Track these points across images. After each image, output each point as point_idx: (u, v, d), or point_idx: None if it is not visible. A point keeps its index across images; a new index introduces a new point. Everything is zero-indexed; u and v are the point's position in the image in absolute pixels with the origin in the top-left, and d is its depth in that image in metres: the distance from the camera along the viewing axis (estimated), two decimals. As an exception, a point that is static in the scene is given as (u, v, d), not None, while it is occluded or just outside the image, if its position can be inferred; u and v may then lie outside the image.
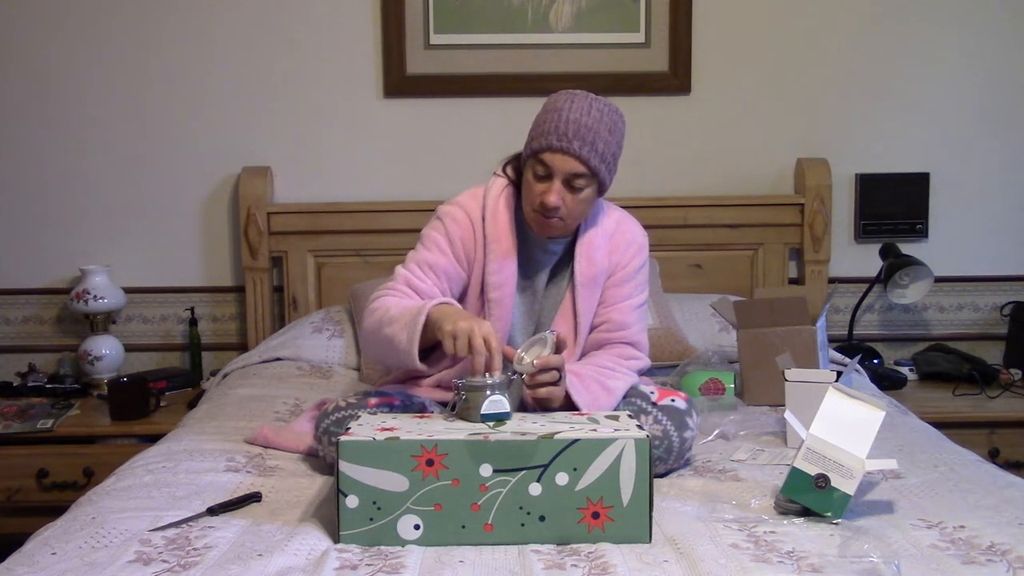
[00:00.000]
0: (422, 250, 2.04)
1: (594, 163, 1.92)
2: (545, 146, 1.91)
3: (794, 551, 1.51)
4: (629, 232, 2.11)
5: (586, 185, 1.94)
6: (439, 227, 2.05)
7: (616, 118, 1.96)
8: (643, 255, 2.12)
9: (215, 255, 3.23)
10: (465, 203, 2.06)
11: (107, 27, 3.14)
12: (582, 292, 2.04)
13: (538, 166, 1.94)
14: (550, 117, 1.92)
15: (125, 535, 1.58)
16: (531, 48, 3.16)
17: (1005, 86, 3.23)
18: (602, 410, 1.91)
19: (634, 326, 2.08)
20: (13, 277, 3.20)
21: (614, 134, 1.95)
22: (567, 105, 1.92)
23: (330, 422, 1.94)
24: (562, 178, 1.92)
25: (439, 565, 1.47)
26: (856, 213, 3.24)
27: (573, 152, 1.90)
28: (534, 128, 1.97)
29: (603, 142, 1.92)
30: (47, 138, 3.17)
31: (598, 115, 1.92)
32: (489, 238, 2.02)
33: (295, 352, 2.83)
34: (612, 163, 1.97)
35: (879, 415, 1.70)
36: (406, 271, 2.02)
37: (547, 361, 1.82)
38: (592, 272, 2.04)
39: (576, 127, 1.89)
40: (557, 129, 1.90)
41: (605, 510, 1.56)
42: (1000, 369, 3.04)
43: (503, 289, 2.02)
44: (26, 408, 2.83)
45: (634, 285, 2.09)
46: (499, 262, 2.01)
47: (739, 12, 3.20)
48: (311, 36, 3.17)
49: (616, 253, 2.08)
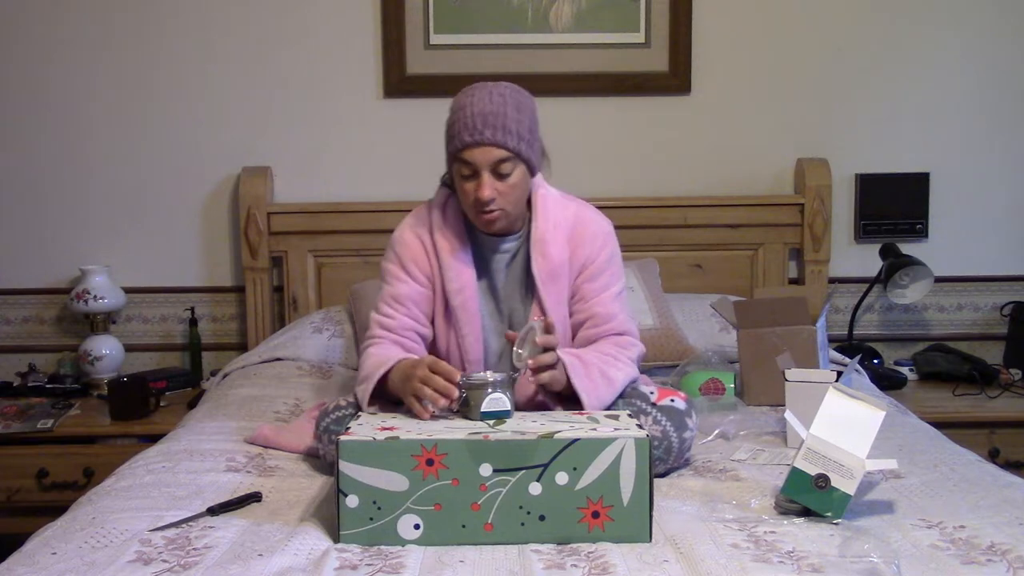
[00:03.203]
0: (384, 286, 2.10)
1: (512, 144, 1.93)
2: (460, 145, 1.93)
3: (794, 551, 1.51)
4: (592, 223, 2.11)
5: (512, 168, 1.95)
6: (392, 257, 2.10)
7: (520, 97, 1.98)
8: (611, 243, 2.12)
9: (215, 255, 3.23)
10: (410, 223, 2.12)
11: (107, 28, 3.14)
12: (544, 288, 2.04)
13: (462, 167, 1.96)
14: (457, 117, 1.95)
15: (125, 535, 1.58)
16: (531, 48, 3.16)
17: (1005, 86, 3.23)
18: (600, 399, 1.91)
19: (620, 315, 2.08)
20: (13, 277, 3.20)
21: (523, 111, 1.96)
22: (469, 100, 1.94)
23: (330, 421, 1.94)
24: (488, 169, 1.94)
25: (439, 565, 1.47)
26: (856, 213, 3.24)
27: (488, 141, 1.91)
28: (447, 133, 1.98)
29: (514, 122, 1.93)
30: (47, 138, 3.17)
31: (500, 100, 1.93)
32: (440, 248, 2.05)
33: (295, 352, 2.83)
34: (531, 139, 1.98)
35: (879, 415, 1.70)
36: (376, 315, 2.08)
37: (547, 341, 1.84)
38: (549, 267, 2.04)
39: (483, 117, 1.91)
40: (466, 126, 1.92)
41: (605, 510, 1.56)
42: (1000, 369, 3.04)
43: (464, 294, 2.04)
44: (26, 408, 2.84)
45: (609, 275, 2.09)
46: (455, 269, 2.04)
47: (739, 12, 3.20)
48: (311, 36, 3.17)
49: (583, 247, 2.07)
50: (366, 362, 1.98)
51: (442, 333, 2.07)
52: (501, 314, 2.09)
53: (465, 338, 2.04)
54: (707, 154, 3.23)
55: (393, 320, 2.05)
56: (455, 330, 2.05)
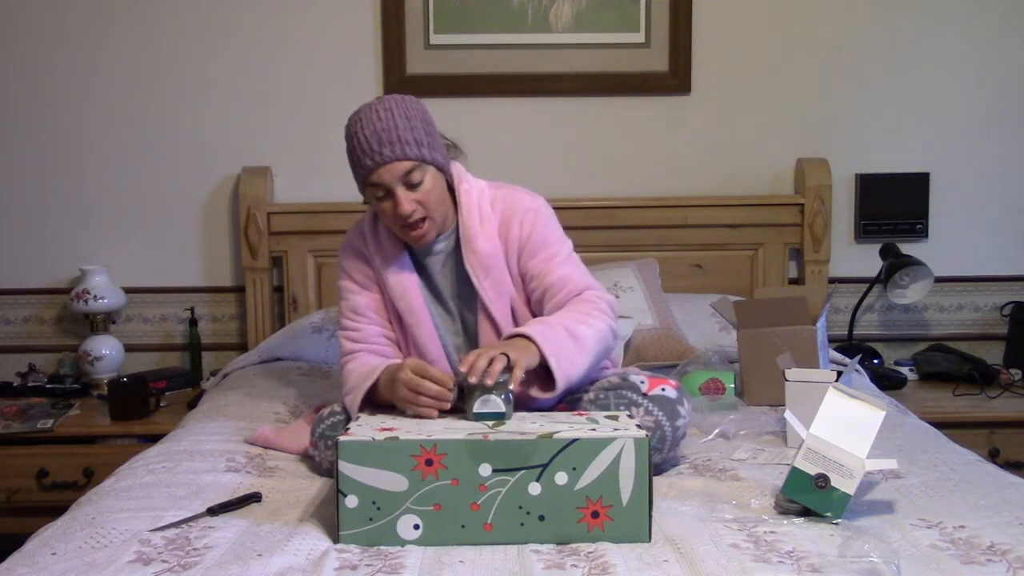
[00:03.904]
0: (342, 303, 2.12)
1: (412, 153, 1.92)
2: (364, 171, 1.93)
3: (794, 551, 1.51)
4: (517, 203, 2.08)
5: (422, 176, 1.95)
6: (341, 273, 2.13)
7: (406, 104, 1.96)
8: (542, 214, 2.08)
9: (215, 255, 3.23)
10: (349, 238, 2.14)
11: (107, 28, 3.14)
12: (480, 283, 2.03)
13: (375, 190, 1.96)
14: (353, 145, 1.94)
15: (125, 535, 1.58)
16: (531, 48, 3.16)
17: (1005, 86, 3.23)
18: (573, 361, 1.85)
19: (575, 275, 2.04)
20: (13, 277, 3.20)
21: (412, 118, 1.95)
22: (358, 125, 1.93)
23: (325, 427, 1.95)
24: (399, 184, 1.93)
25: (439, 565, 1.47)
26: (856, 213, 3.24)
27: (388, 158, 1.91)
28: (350, 162, 1.98)
29: (408, 130, 1.92)
30: (47, 138, 3.17)
31: (387, 114, 1.92)
32: (377, 260, 2.07)
33: (295, 352, 2.84)
34: (430, 141, 1.96)
35: (879, 415, 1.70)
36: (343, 332, 2.10)
37: (516, 379, 1.77)
38: (480, 260, 2.03)
39: (376, 137, 1.91)
40: (364, 150, 1.92)
41: (605, 509, 1.56)
42: (1000, 369, 3.04)
43: (407, 296, 2.04)
44: (26, 408, 2.83)
45: (552, 243, 2.06)
46: (394, 276, 2.05)
47: (739, 12, 3.20)
48: (311, 36, 3.17)
49: (513, 229, 2.05)
50: (349, 377, 1.99)
51: (400, 338, 2.09)
52: (450, 313, 2.10)
53: (420, 339, 2.04)
54: (707, 154, 3.23)
55: (359, 332, 2.06)
56: (409, 333, 2.06)
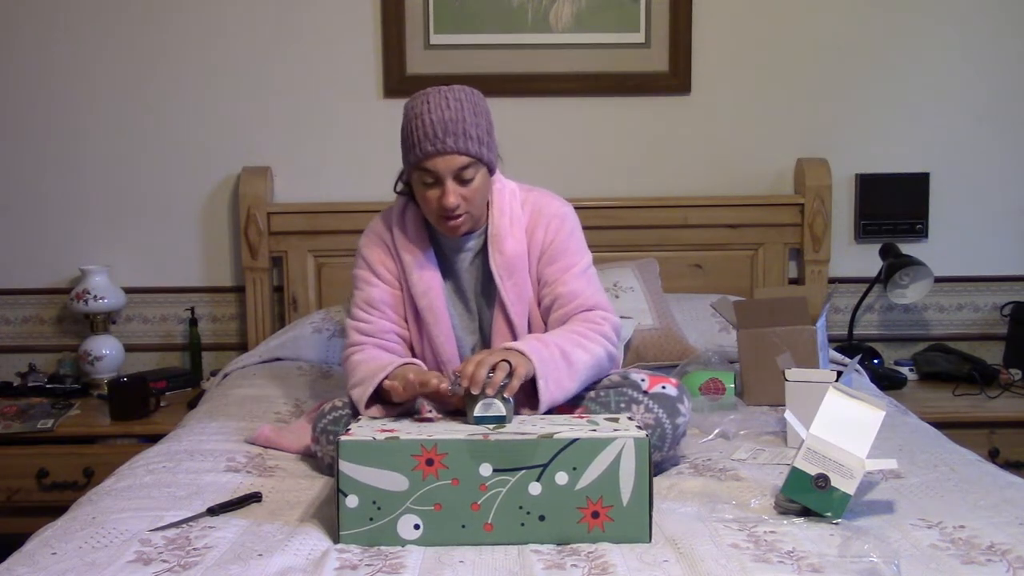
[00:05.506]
0: (355, 292, 2.11)
1: (474, 150, 1.92)
2: (422, 155, 1.92)
3: (794, 551, 1.51)
4: (546, 207, 2.09)
5: (475, 173, 1.95)
6: (360, 262, 2.12)
7: (475, 99, 1.96)
8: (568, 223, 2.09)
9: (215, 255, 3.23)
10: (373, 229, 2.13)
11: (107, 28, 3.14)
12: (503, 284, 2.03)
13: (424, 175, 1.95)
14: (415, 125, 1.92)
15: (125, 535, 1.58)
16: (531, 48, 3.16)
17: (1005, 86, 3.23)
18: (561, 385, 1.85)
19: (586, 291, 2.04)
20: (13, 277, 3.20)
21: (479, 114, 1.95)
22: (425, 107, 1.92)
23: (327, 422, 1.94)
24: (451, 177, 1.93)
25: (439, 565, 1.47)
26: (856, 213, 3.24)
27: (450, 149, 1.90)
28: (404, 141, 1.96)
29: (473, 127, 1.92)
30: (47, 138, 3.17)
31: (457, 104, 1.92)
32: (403, 253, 2.06)
33: (295, 352, 2.84)
34: (489, 141, 1.97)
35: (879, 415, 1.70)
36: (352, 322, 2.08)
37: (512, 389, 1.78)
38: (506, 261, 2.04)
39: (443, 125, 1.90)
40: (426, 134, 1.90)
41: (605, 510, 1.56)
42: (1000, 369, 3.04)
43: (430, 295, 2.04)
44: (26, 408, 2.83)
45: (571, 253, 2.07)
46: (418, 272, 2.05)
47: (739, 12, 3.20)
48: (311, 36, 3.17)
49: (538, 232, 2.06)
50: (356, 369, 1.97)
51: (414, 335, 2.08)
52: (471, 312, 2.10)
53: (436, 338, 2.05)
54: (707, 154, 3.23)
55: (370, 324, 2.06)
56: (426, 331, 2.06)
